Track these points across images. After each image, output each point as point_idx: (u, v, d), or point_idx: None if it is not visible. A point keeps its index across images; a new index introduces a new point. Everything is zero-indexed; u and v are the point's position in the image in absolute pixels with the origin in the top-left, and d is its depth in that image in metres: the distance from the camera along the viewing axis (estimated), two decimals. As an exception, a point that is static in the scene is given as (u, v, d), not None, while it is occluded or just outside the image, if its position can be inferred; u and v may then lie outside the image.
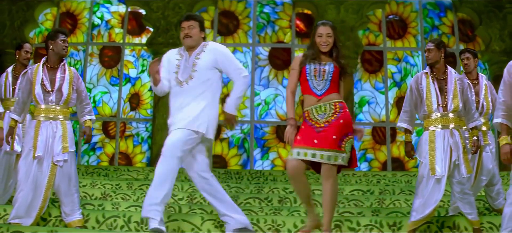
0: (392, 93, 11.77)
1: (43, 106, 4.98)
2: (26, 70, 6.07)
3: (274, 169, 11.22)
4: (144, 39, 11.98)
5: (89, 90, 11.75)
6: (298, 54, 4.82)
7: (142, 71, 11.93)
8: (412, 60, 11.97)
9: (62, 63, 5.15)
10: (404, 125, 5.12)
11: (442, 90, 4.95)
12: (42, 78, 4.99)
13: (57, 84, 4.99)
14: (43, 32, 12.27)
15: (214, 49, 4.72)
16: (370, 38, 12.08)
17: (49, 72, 5.05)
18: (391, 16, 12.19)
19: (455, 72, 5.12)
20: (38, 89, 4.97)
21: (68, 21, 12.32)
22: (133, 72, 11.94)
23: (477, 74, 5.88)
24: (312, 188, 5.89)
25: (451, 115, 4.91)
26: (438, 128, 4.88)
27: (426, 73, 5.06)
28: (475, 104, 5.55)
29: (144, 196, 6.18)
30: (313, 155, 4.20)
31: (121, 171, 8.71)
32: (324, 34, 4.49)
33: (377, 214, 5.61)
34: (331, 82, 4.39)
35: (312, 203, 4.53)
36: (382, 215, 5.58)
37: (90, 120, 5.27)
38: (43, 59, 5.18)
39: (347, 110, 4.42)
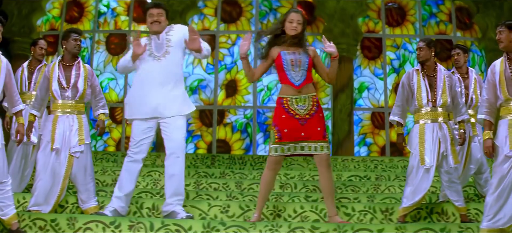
0: (391, 79, 12.08)
1: (60, 101, 5.33)
2: (41, 65, 6.41)
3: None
4: (149, 26, 12.28)
5: (96, 76, 12.10)
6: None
7: (148, 58, 12.26)
8: (411, 47, 12.25)
9: (77, 61, 5.48)
10: (396, 118, 5.46)
11: (432, 86, 5.28)
12: (58, 76, 5.32)
13: (72, 81, 5.33)
14: (51, 20, 12.60)
15: (181, 28, 5.17)
16: (370, 26, 12.36)
17: (65, 70, 5.38)
18: (390, 4, 12.45)
19: (445, 69, 5.45)
20: (55, 86, 5.31)
21: (75, 9, 12.64)
22: (138, 59, 12.27)
23: (467, 69, 6.21)
24: (311, 173, 6.24)
25: (440, 109, 5.25)
26: (428, 121, 5.23)
27: (417, 70, 5.39)
28: (464, 99, 5.90)
29: (153, 182, 6.60)
30: (302, 148, 4.52)
31: (122, 154, 9.06)
32: (295, 20, 4.67)
33: (372, 199, 5.99)
34: (307, 72, 4.63)
35: (264, 203, 4.86)
36: (377, 200, 5.95)
37: (103, 113, 5.61)
38: (59, 57, 5.51)
39: (320, 105, 4.70)
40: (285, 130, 4.54)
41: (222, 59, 12.19)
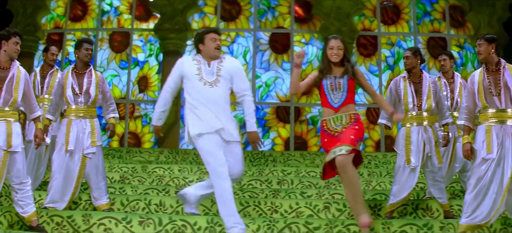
0: (386, 76, 12.44)
1: (73, 106, 5.69)
2: (53, 70, 6.77)
3: (274, 147, 12.00)
4: (151, 24, 12.64)
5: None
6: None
7: (150, 55, 12.63)
8: (405, 44, 12.63)
9: (89, 69, 5.83)
10: (384, 122, 5.85)
11: (418, 92, 5.65)
12: (72, 83, 5.69)
13: (84, 88, 5.69)
14: (55, 18, 12.94)
15: (231, 62, 4.95)
16: (365, 24, 12.72)
17: (78, 77, 5.74)
18: (385, 2, 12.80)
19: (429, 76, 5.83)
20: (69, 93, 5.67)
21: (79, 8, 12.97)
22: (141, 56, 12.64)
23: (453, 73, 6.58)
24: (307, 169, 6.55)
25: (425, 114, 5.63)
26: (413, 124, 5.61)
27: (404, 77, 5.76)
28: (449, 102, 6.30)
29: (158, 179, 6.98)
30: (340, 150, 4.49)
31: (134, 153, 9.45)
32: (335, 47, 4.80)
33: (363, 195, 6.38)
34: (348, 93, 4.74)
35: (361, 198, 4.67)
36: (368, 196, 6.35)
37: (113, 117, 5.97)
38: (72, 65, 5.88)
39: (361, 121, 4.80)
40: (326, 140, 4.73)
41: (222, 57, 12.53)
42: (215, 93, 4.73)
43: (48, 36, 12.87)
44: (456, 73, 6.62)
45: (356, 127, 4.68)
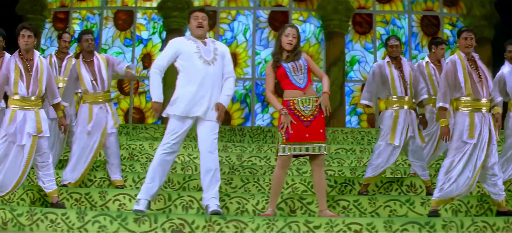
0: (381, 53, 12.83)
1: (91, 92, 6.16)
2: (68, 56, 7.21)
3: (273, 122, 12.52)
4: (155, 3, 13.02)
5: (105, 51, 12.90)
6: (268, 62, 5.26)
7: (153, 33, 13.06)
8: (399, 22, 13.05)
9: (95, 56, 6.25)
10: (366, 102, 6.20)
11: (402, 78, 6.08)
12: (85, 72, 6.15)
13: (97, 73, 6.14)
14: (60, -3, 13.34)
15: (222, 45, 5.28)
16: (361, 2, 13.10)
17: (89, 65, 6.19)
18: (381, -19, 13.20)
19: (407, 61, 6.26)
20: (87, 80, 6.15)
21: (84, -13, 13.37)
22: (145, 34, 13.05)
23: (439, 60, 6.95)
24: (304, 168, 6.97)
25: (406, 98, 6.08)
26: (403, 107, 6.00)
27: (388, 62, 6.16)
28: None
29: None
30: (307, 149, 4.83)
31: (139, 129, 9.94)
32: (290, 35, 4.95)
33: (354, 172, 6.91)
34: (308, 73, 4.98)
35: (278, 197, 5.05)
36: (358, 172, 6.87)
37: (128, 66, 6.31)
38: (81, 56, 6.28)
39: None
40: (292, 131, 4.82)
41: (223, 34, 12.97)
42: (213, 71, 5.00)
43: (54, 15, 13.26)
44: (443, 59, 6.92)
45: (322, 116, 4.90)
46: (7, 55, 6.49)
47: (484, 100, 5.15)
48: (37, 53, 5.41)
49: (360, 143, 9.25)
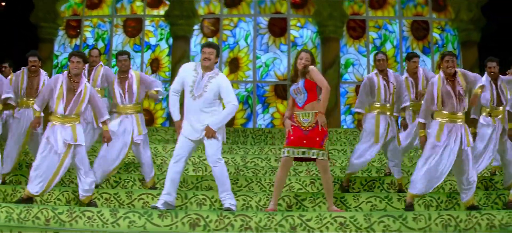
0: (373, 56, 13.76)
1: (121, 105, 6.98)
2: (97, 65, 7.93)
3: (273, 121, 13.46)
4: (162, 11, 13.94)
5: (115, 57, 13.80)
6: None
7: (161, 39, 13.99)
8: (391, 27, 13.95)
9: (129, 74, 7.07)
10: (359, 110, 7.06)
11: (387, 87, 6.93)
12: (117, 87, 7.01)
13: (127, 89, 6.98)
14: (73, 6, 14.20)
15: (220, 79, 5.90)
16: (355, 8, 14.01)
17: (121, 82, 7.04)
18: (373, -12, 14.09)
19: (393, 73, 7.13)
20: (117, 95, 6.99)
21: (95, -4, 14.28)
22: (153, 40, 14.01)
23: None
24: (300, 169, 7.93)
25: (388, 105, 6.90)
26: (381, 113, 6.86)
27: (376, 73, 6.99)
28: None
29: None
30: (303, 152, 5.70)
31: (151, 132, 10.84)
32: (304, 58, 5.91)
33: (344, 171, 7.83)
34: (308, 93, 5.83)
35: (279, 195, 5.94)
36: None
37: (157, 90, 7.11)
38: (117, 74, 7.16)
39: None
40: (292, 137, 5.75)
41: (226, 40, 13.89)
42: (197, 105, 5.83)
43: (66, 23, 14.17)
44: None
45: (320, 128, 5.74)
46: (42, 72, 7.47)
47: (459, 114, 6.06)
48: (84, 79, 6.24)
49: (351, 143, 10.16)
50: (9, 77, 7.57)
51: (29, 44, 13.26)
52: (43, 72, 7.49)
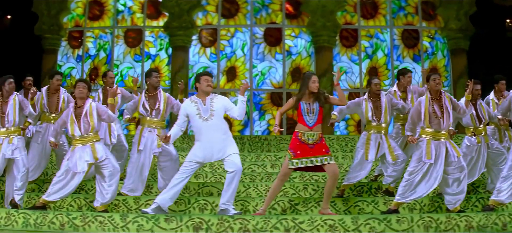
0: (365, 64, 14.38)
1: (147, 118, 7.34)
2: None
3: (269, 128, 13.98)
4: (161, 22, 14.47)
5: (117, 66, 14.38)
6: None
7: (160, 49, 14.51)
8: (382, 36, 14.51)
9: (158, 91, 7.43)
10: (336, 112, 7.40)
11: (378, 108, 7.37)
12: (144, 102, 7.37)
13: (155, 106, 7.31)
14: (75, 18, 14.71)
15: (221, 98, 6.54)
16: (347, 18, 14.57)
17: (149, 98, 7.38)
18: (364, -1, 14.66)
19: (385, 94, 7.60)
20: (141, 109, 7.37)
21: (96, 8, 14.76)
22: (153, 50, 14.55)
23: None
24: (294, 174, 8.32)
25: (383, 125, 7.39)
26: (373, 132, 7.34)
27: (365, 99, 7.46)
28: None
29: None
30: (311, 161, 6.17)
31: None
32: (316, 81, 6.32)
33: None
34: (318, 116, 6.27)
35: (272, 200, 6.44)
36: (339, 180, 8.27)
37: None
38: (145, 89, 7.51)
39: (324, 138, 6.29)
40: (298, 152, 6.19)
41: (223, 49, 14.44)
42: (210, 125, 6.36)
43: (69, 34, 14.67)
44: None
45: (323, 143, 6.31)
46: (62, 89, 7.97)
47: (443, 132, 6.56)
48: (89, 100, 6.71)
49: (343, 150, 10.68)
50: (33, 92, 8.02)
51: (34, 55, 13.95)
52: (62, 90, 8.00)
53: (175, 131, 6.56)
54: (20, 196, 6.80)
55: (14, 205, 6.73)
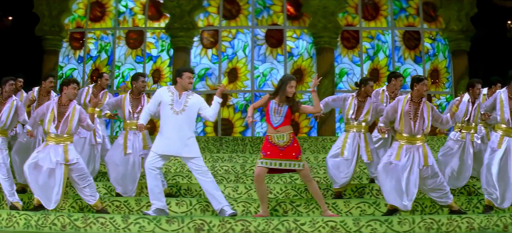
0: (366, 66, 14.36)
1: (128, 121, 7.41)
2: (104, 91, 8.38)
3: (271, 130, 13.98)
4: (162, 23, 14.48)
5: (118, 67, 14.39)
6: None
7: (162, 50, 14.51)
8: (383, 37, 14.50)
9: (142, 95, 7.53)
10: (322, 107, 7.34)
11: (360, 108, 7.35)
12: (129, 105, 7.42)
13: (138, 109, 7.39)
14: (76, 19, 14.72)
15: (198, 97, 6.59)
16: (348, 20, 14.55)
17: (133, 101, 7.45)
18: (365, 0, 14.60)
19: (374, 97, 7.62)
20: (126, 112, 7.41)
21: (98, 9, 14.76)
22: (154, 52, 14.55)
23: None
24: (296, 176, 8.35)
25: (363, 123, 7.36)
26: (352, 131, 7.36)
27: (353, 95, 7.47)
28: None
29: (180, 166, 8.95)
30: (280, 164, 6.20)
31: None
32: (294, 87, 6.33)
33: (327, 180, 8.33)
34: (285, 118, 6.26)
35: (266, 200, 6.35)
36: (329, 182, 8.21)
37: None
38: (129, 91, 7.58)
39: (296, 139, 6.32)
40: (268, 152, 6.25)
41: (224, 51, 14.44)
42: (178, 119, 6.35)
43: (70, 35, 14.67)
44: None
45: (295, 145, 6.29)
46: (53, 93, 7.98)
47: (418, 136, 6.53)
48: (74, 102, 6.73)
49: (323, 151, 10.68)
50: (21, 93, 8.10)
51: (35, 56, 13.95)
52: (53, 94, 8.02)
53: (143, 115, 6.64)
54: (11, 195, 6.79)
55: (12, 207, 6.72)
